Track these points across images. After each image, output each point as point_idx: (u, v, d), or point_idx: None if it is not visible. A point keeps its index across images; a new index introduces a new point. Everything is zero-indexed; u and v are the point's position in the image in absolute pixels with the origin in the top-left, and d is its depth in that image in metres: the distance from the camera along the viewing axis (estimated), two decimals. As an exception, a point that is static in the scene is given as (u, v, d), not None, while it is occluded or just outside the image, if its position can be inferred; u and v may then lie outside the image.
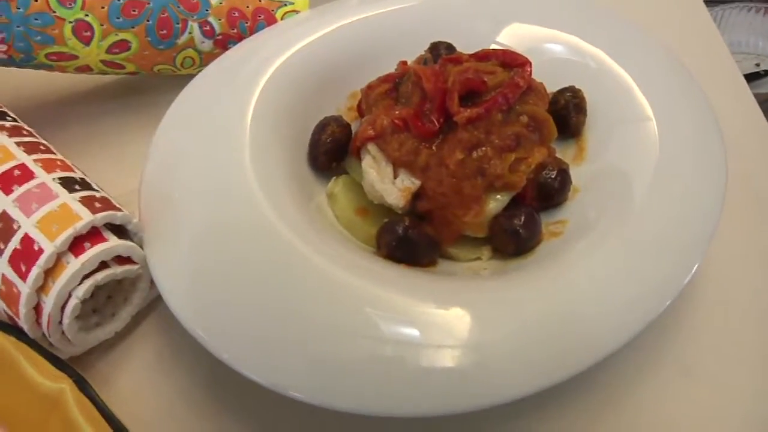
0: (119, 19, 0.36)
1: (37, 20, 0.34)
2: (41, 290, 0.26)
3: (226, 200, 0.30)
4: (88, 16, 0.35)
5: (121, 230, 0.28)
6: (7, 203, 0.27)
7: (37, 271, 0.25)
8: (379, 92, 0.34)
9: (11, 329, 0.27)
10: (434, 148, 0.30)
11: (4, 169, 0.28)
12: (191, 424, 0.28)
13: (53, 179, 0.28)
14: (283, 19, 0.41)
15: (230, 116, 0.33)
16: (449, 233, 0.30)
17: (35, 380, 0.26)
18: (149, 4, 0.36)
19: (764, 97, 0.69)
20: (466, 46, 0.36)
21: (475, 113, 0.30)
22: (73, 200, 0.27)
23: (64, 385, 0.25)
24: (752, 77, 0.86)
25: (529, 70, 0.32)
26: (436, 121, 0.30)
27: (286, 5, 0.41)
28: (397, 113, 0.31)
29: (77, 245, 0.26)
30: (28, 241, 0.26)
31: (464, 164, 0.30)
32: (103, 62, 0.37)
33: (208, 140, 0.32)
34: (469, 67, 0.32)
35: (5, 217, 0.27)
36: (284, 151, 0.34)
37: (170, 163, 0.32)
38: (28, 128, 0.32)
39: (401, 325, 0.25)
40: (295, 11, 0.41)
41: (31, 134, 0.31)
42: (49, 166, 0.29)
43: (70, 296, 0.26)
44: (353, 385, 0.24)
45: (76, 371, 0.26)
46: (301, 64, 0.37)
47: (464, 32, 0.38)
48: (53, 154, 0.30)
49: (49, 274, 0.26)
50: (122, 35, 0.36)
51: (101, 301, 0.29)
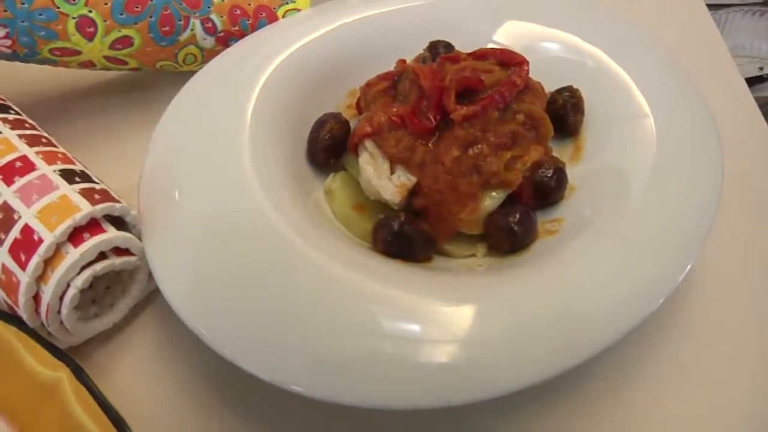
0: (122, 15, 0.36)
1: (41, 15, 0.34)
2: (40, 280, 0.26)
3: (224, 195, 0.30)
4: (91, 12, 0.35)
5: (120, 222, 0.29)
6: (8, 194, 0.27)
7: (36, 260, 0.26)
8: (377, 90, 0.34)
9: (11, 319, 0.28)
10: (431, 145, 0.31)
11: (6, 160, 0.28)
12: (189, 415, 0.28)
13: (54, 171, 0.28)
14: (284, 17, 0.41)
15: (230, 112, 0.34)
16: (445, 230, 0.31)
17: (34, 369, 0.26)
18: (152, 0, 0.37)
19: (766, 100, 0.69)
20: (465, 45, 0.36)
21: (471, 111, 0.30)
22: (73, 192, 0.27)
23: (61, 374, 0.25)
24: (756, 81, 0.86)
25: (526, 69, 0.33)
26: (432, 118, 0.31)
27: (287, 3, 0.41)
28: (394, 110, 0.32)
29: (76, 236, 0.26)
30: (28, 231, 0.26)
31: (460, 161, 0.30)
32: (106, 58, 0.38)
33: (207, 136, 0.33)
34: (466, 65, 0.32)
35: (6, 207, 0.27)
36: (283, 147, 0.34)
37: (170, 157, 0.32)
38: (30, 121, 0.32)
39: (399, 320, 0.25)
40: (296, 9, 0.41)
41: (33, 127, 0.32)
42: (50, 158, 0.29)
43: (68, 286, 0.26)
44: (353, 379, 0.24)
45: (73, 360, 0.26)
46: (301, 61, 0.37)
47: (464, 32, 0.38)
48: (55, 146, 0.31)
49: (48, 263, 0.26)
50: (125, 31, 0.37)
51: (100, 291, 0.29)
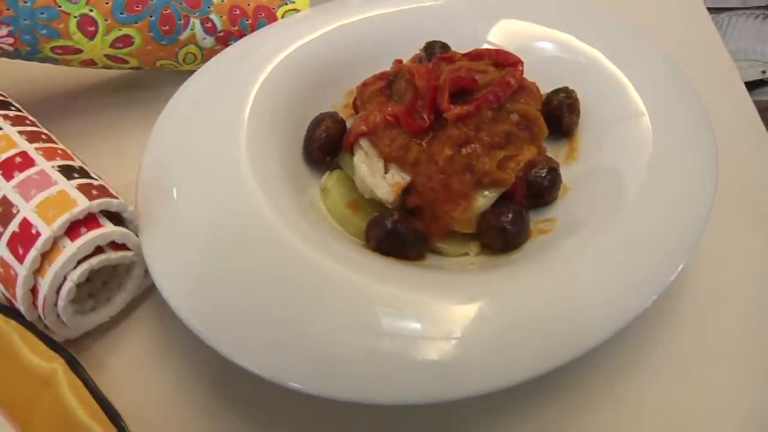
0: (123, 14, 0.37)
1: (43, 14, 0.35)
2: (38, 273, 0.27)
3: (221, 192, 0.30)
4: (92, 11, 0.36)
5: (117, 218, 0.29)
6: (7, 189, 0.28)
7: (34, 253, 0.26)
8: (373, 89, 0.34)
9: (9, 312, 0.28)
10: (425, 144, 0.31)
11: (6, 156, 0.29)
12: (184, 408, 0.28)
13: (53, 167, 0.29)
14: (283, 17, 0.41)
15: (228, 111, 0.34)
16: (438, 228, 0.31)
17: (31, 361, 0.26)
18: (152, 0, 0.37)
19: (768, 103, 0.69)
20: (461, 45, 0.36)
21: (464, 110, 0.30)
22: (71, 187, 0.28)
23: (56, 365, 0.26)
24: (758, 84, 0.86)
25: (520, 69, 0.33)
26: (426, 117, 0.31)
27: (287, 4, 0.41)
28: (389, 110, 0.32)
29: (74, 230, 0.27)
30: (26, 225, 0.27)
31: (453, 160, 0.30)
32: (107, 56, 0.38)
33: (205, 134, 0.33)
34: (461, 65, 0.33)
35: (5, 201, 0.27)
36: (281, 146, 0.34)
37: (168, 155, 0.32)
38: (31, 118, 0.33)
39: (396, 317, 0.26)
40: (295, 10, 0.41)
41: (33, 124, 0.32)
42: (49, 154, 0.30)
43: (65, 279, 0.27)
44: (351, 375, 0.24)
45: (69, 352, 0.26)
46: (299, 61, 0.37)
47: (460, 32, 0.38)
48: (54, 143, 0.31)
49: (45, 257, 0.27)
50: (125, 30, 0.37)
51: (97, 286, 0.30)
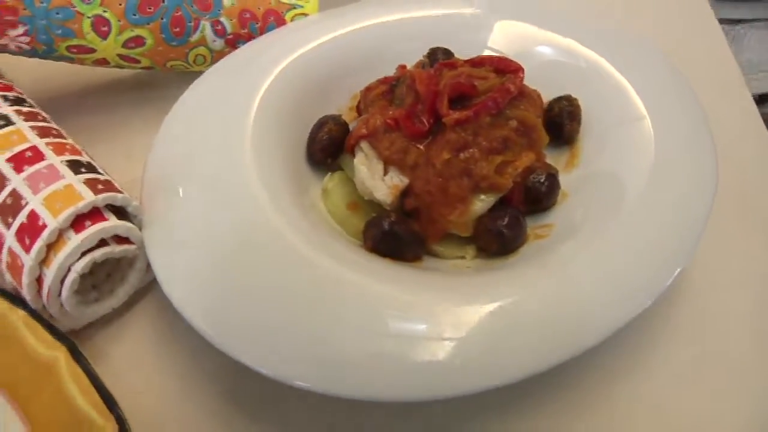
0: (135, 15, 0.38)
1: (58, 14, 0.36)
2: (43, 263, 0.28)
3: (224, 190, 0.31)
4: (106, 12, 0.37)
5: (122, 212, 0.30)
6: (18, 181, 0.29)
7: (40, 244, 0.27)
8: (375, 93, 0.35)
9: (16, 300, 0.29)
10: (423, 147, 0.31)
11: (18, 150, 0.30)
12: (184, 399, 0.29)
13: (61, 162, 0.30)
14: (292, 21, 0.42)
15: (234, 112, 0.35)
16: (435, 231, 0.31)
17: (35, 349, 0.27)
18: (164, 2, 0.38)
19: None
20: (464, 52, 0.37)
21: (463, 116, 0.31)
22: (77, 181, 0.29)
23: (58, 353, 0.26)
24: (771, 97, 0.85)
25: (521, 76, 0.33)
26: (426, 122, 0.31)
27: (295, 8, 0.42)
28: (390, 113, 0.33)
29: (79, 223, 0.28)
30: (33, 216, 0.28)
31: (451, 164, 0.30)
32: (119, 56, 0.39)
33: (211, 134, 0.34)
34: (462, 71, 0.33)
35: (15, 193, 0.28)
36: (285, 147, 0.35)
37: (174, 153, 0.33)
38: (43, 114, 0.34)
39: (399, 318, 0.26)
40: (304, 14, 0.42)
41: (45, 120, 0.33)
42: (59, 149, 0.31)
43: (69, 270, 0.28)
44: (354, 373, 0.25)
45: (71, 341, 0.27)
46: (306, 65, 0.38)
47: (464, 40, 0.39)
48: (64, 138, 0.32)
49: (51, 248, 0.27)
50: (138, 31, 0.38)
51: (101, 278, 0.31)
